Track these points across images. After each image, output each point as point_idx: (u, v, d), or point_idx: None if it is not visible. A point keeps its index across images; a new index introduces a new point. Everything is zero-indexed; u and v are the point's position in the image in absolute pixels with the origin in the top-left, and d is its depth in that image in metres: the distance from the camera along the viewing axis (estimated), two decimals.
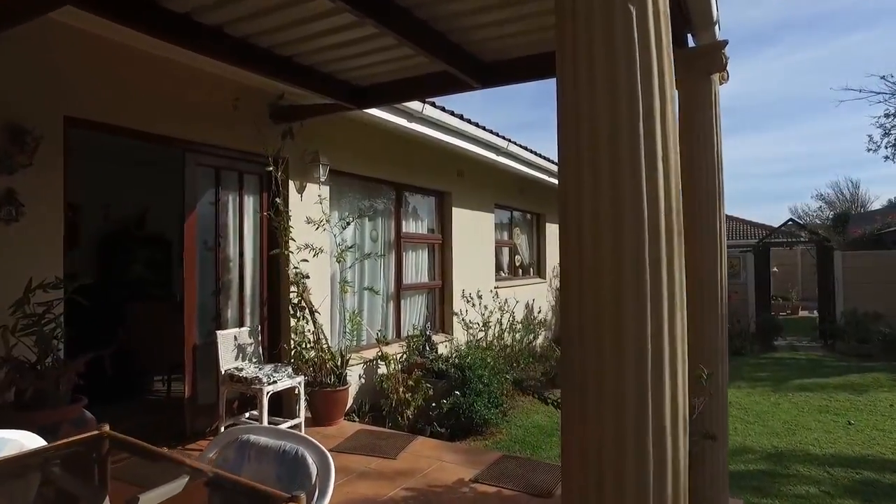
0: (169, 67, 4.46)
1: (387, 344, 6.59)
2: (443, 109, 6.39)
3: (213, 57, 3.91)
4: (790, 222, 16.00)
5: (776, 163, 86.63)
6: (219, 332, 4.83)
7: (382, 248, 7.24)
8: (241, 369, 4.78)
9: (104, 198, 7.76)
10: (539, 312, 11.27)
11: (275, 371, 4.78)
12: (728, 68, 3.51)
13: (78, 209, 6.74)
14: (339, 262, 5.30)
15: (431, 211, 8.39)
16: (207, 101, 4.77)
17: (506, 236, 10.68)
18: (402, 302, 7.55)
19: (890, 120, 18.19)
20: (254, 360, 5.16)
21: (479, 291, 8.83)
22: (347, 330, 5.65)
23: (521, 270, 11.34)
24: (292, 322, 5.11)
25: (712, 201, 3.41)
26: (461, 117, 6.79)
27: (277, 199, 5.02)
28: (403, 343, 7.15)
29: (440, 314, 8.38)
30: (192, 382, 4.84)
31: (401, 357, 6.73)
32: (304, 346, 5.16)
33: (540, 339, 10.47)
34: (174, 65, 4.47)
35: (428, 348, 6.63)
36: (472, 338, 8.30)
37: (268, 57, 4.12)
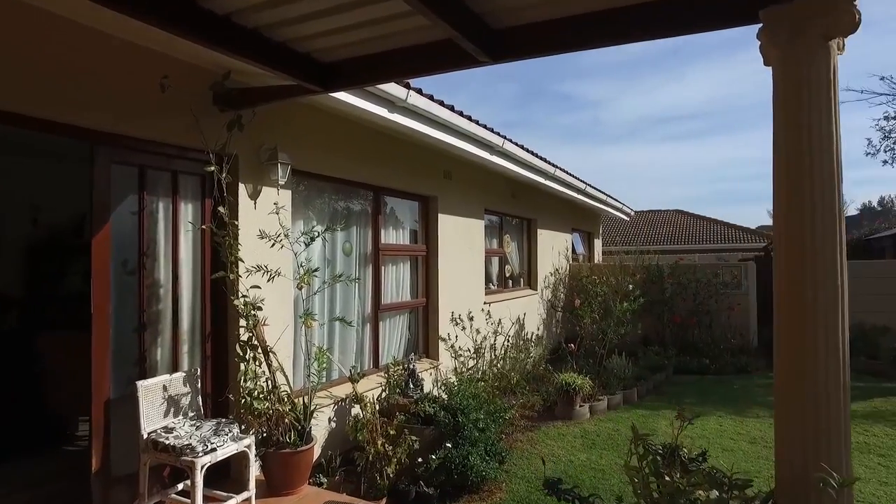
0: (61, 28, 3.29)
1: (363, 376, 5.49)
2: (431, 98, 5.30)
3: (116, 9, 2.75)
4: None
5: (756, 164, 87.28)
6: (140, 384, 3.68)
7: (358, 263, 6.13)
8: (172, 429, 3.64)
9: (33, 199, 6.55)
10: (531, 328, 10.25)
11: (216, 432, 3.65)
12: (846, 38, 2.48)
13: None
14: (300, 288, 4.15)
15: (415, 218, 7.30)
16: (124, 78, 3.61)
17: (495, 244, 9.63)
18: (381, 325, 6.44)
19: (890, 123, 17.62)
20: (191, 413, 4.01)
21: (469, 313, 7.76)
22: (313, 370, 4.53)
23: (511, 282, 10.30)
24: (241, 366, 3.98)
25: (829, 220, 2.38)
26: (452, 108, 5.71)
27: (221, 209, 3.87)
28: (382, 376, 6.05)
29: (424, 337, 7.29)
30: (103, 451, 3.67)
31: (379, 394, 5.63)
32: (256, 395, 4.02)
33: (532, 357, 9.45)
34: (69, 25, 3.31)
35: (412, 384, 5.54)
36: (461, 365, 7.21)
37: (196, 14, 2.99)
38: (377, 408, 5.10)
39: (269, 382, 4.11)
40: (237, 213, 4.29)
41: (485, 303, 8.55)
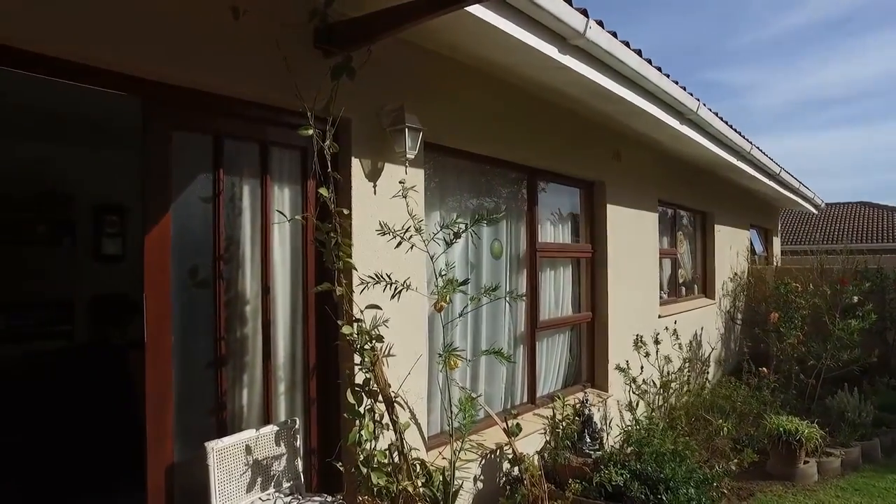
0: None
1: (517, 416, 4.07)
2: (614, 35, 3.73)
3: None
4: None
5: None
6: (213, 446, 2.52)
7: (508, 267, 4.71)
8: None
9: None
10: (708, 345, 8.23)
11: None
12: None
13: None
14: (439, 309, 2.75)
15: (575, 209, 5.74)
16: (187, 7, 2.46)
17: (666, 243, 7.76)
18: (538, 346, 4.96)
19: None
20: (286, 485, 2.81)
21: (657, 334, 6.02)
22: (459, 421, 3.15)
23: (684, 289, 8.36)
24: (356, 422, 2.69)
25: None
26: (640, 53, 4.10)
27: (322, 191, 2.61)
28: (541, 416, 4.58)
29: (589, 361, 5.70)
30: None
31: (542, 446, 4.16)
32: (375, 463, 2.72)
33: (710, 381, 7.47)
34: None
35: (588, 437, 4.00)
36: (639, 397, 5.51)
37: None
38: (541, 472, 3.62)
39: (395, 446, 2.79)
40: (349, 200, 3.03)
41: (659, 316, 6.76)
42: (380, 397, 2.75)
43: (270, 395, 2.93)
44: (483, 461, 3.93)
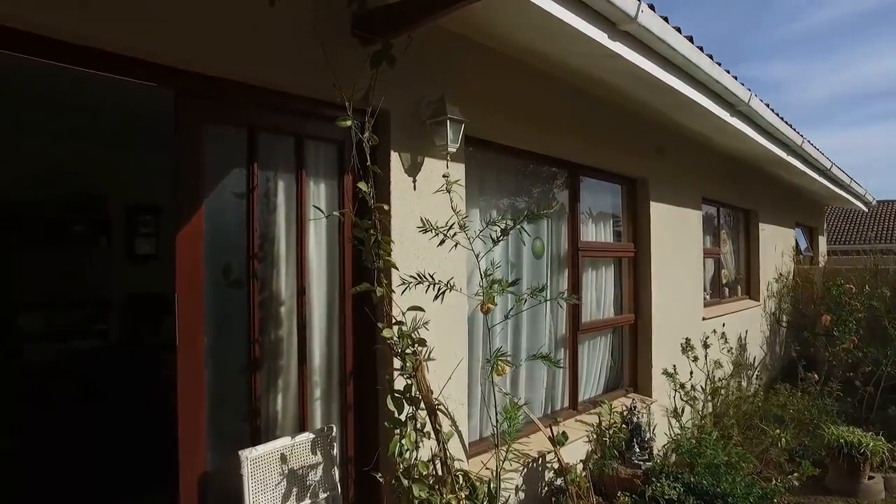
0: None
1: (559, 422, 3.87)
2: (665, 20, 3.51)
3: None
4: None
5: None
6: (247, 455, 2.39)
7: (549, 267, 4.51)
8: None
9: None
10: (753, 349, 7.87)
11: None
12: None
13: None
14: (486, 306, 2.57)
15: (616, 208, 5.51)
16: None
17: (709, 243, 7.44)
18: (579, 349, 4.75)
19: None
20: (323, 495, 2.67)
21: (706, 337, 5.75)
22: (504, 428, 2.97)
23: (727, 290, 8.02)
24: (395, 431, 2.54)
25: None
26: (691, 40, 3.86)
27: (362, 185, 2.46)
28: (584, 422, 4.37)
29: (631, 365, 5.46)
30: None
31: (587, 454, 3.95)
32: (416, 474, 2.56)
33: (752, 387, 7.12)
34: None
35: (637, 446, 3.78)
36: (689, 405, 5.24)
37: None
38: (589, 484, 3.42)
39: (437, 456, 2.63)
40: (388, 195, 2.88)
41: (703, 318, 6.47)
42: (421, 404, 2.59)
43: (306, 400, 2.79)
44: (525, 470, 3.74)
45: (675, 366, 5.25)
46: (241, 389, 2.60)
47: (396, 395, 2.56)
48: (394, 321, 2.51)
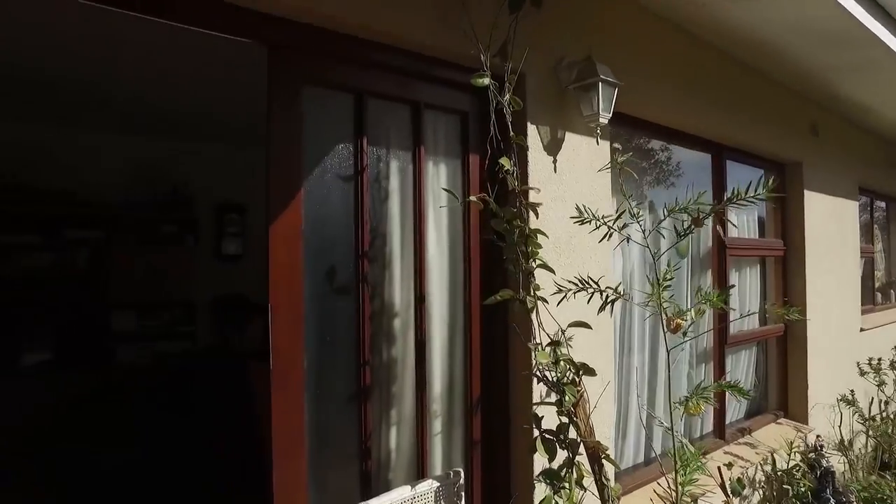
0: None
1: (705, 453, 3.13)
2: None
3: None
4: None
5: None
6: None
7: (690, 268, 3.77)
8: None
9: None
10: None
11: None
12: None
13: None
14: (676, 322, 1.90)
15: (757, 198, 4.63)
16: None
17: (860, 239, 6.36)
18: (727, 365, 3.98)
19: None
20: None
21: (853, 355, 4.80)
22: (676, 470, 2.29)
23: (879, 295, 6.89)
24: (542, 489, 1.92)
25: None
26: None
27: (504, 162, 1.86)
28: (736, 457, 3.60)
29: (781, 385, 4.59)
30: None
31: None
32: None
33: None
34: None
35: (832, 498, 2.97)
36: (873, 438, 4.31)
37: None
38: None
39: None
40: (526, 178, 2.27)
41: (861, 329, 5.46)
42: (580, 449, 1.95)
43: (425, 436, 2.23)
44: None
45: (852, 390, 4.34)
46: (348, 424, 2.06)
47: (547, 436, 1.94)
48: (546, 342, 1.89)
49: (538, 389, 2.29)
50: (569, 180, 2.46)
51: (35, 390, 4.40)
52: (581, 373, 1.83)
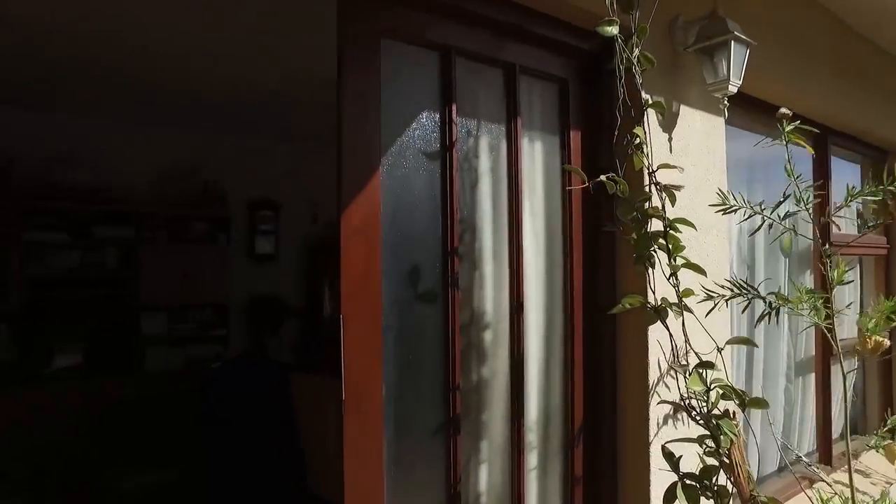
0: None
1: (807, 478, 2.69)
2: None
3: None
4: None
5: None
6: None
7: (788, 268, 3.32)
8: None
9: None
10: None
11: None
12: None
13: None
14: (876, 342, 1.49)
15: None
16: None
17: None
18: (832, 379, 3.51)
19: None
20: None
21: None
22: None
23: None
24: None
25: None
26: None
27: (638, 132, 1.46)
28: (846, 485, 3.12)
29: (884, 402, 4.08)
30: None
31: None
32: None
33: None
34: None
35: None
36: None
37: None
38: None
39: None
40: (649, 153, 1.85)
41: None
42: (731, 501, 1.53)
43: (522, 472, 1.82)
44: None
45: None
46: (434, 458, 1.66)
47: (688, 482, 1.51)
48: (694, 364, 1.47)
49: (654, 418, 1.87)
50: (684, 163, 2.04)
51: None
52: (747, 403, 1.40)
